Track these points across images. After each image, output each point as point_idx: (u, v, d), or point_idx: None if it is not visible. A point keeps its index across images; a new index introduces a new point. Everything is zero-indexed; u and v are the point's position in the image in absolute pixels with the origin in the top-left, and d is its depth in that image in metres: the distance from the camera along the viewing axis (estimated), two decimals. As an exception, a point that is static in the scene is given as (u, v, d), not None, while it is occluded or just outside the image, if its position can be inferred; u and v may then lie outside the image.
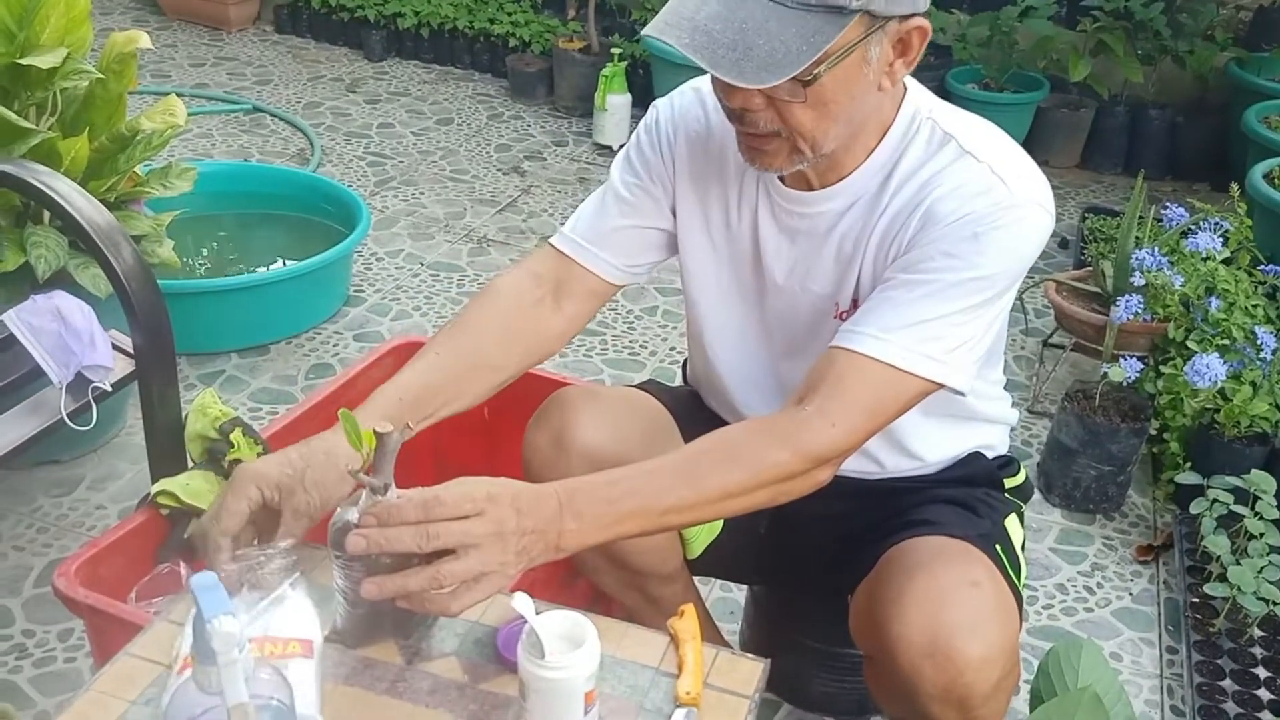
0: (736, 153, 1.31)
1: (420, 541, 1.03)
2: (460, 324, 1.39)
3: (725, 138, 1.36)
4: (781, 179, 1.33)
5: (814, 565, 1.55)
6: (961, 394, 1.26)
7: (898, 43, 1.18)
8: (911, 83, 1.31)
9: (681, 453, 1.20)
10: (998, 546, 1.37)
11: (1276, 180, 3.02)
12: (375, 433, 1.07)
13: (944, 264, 1.22)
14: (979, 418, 1.48)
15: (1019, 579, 1.40)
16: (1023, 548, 1.47)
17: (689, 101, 1.41)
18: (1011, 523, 1.46)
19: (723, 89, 1.19)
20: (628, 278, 1.46)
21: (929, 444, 1.46)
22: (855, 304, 1.33)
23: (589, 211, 1.45)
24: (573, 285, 1.44)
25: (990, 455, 1.52)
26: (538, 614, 1.05)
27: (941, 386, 1.23)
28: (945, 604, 1.23)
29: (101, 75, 2.14)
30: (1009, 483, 1.53)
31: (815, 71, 1.12)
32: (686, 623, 1.17)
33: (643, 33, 1.14)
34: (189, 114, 2.34)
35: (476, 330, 1.39)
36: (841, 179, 1.30)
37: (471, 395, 1.38)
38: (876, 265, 1.30)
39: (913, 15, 1.17)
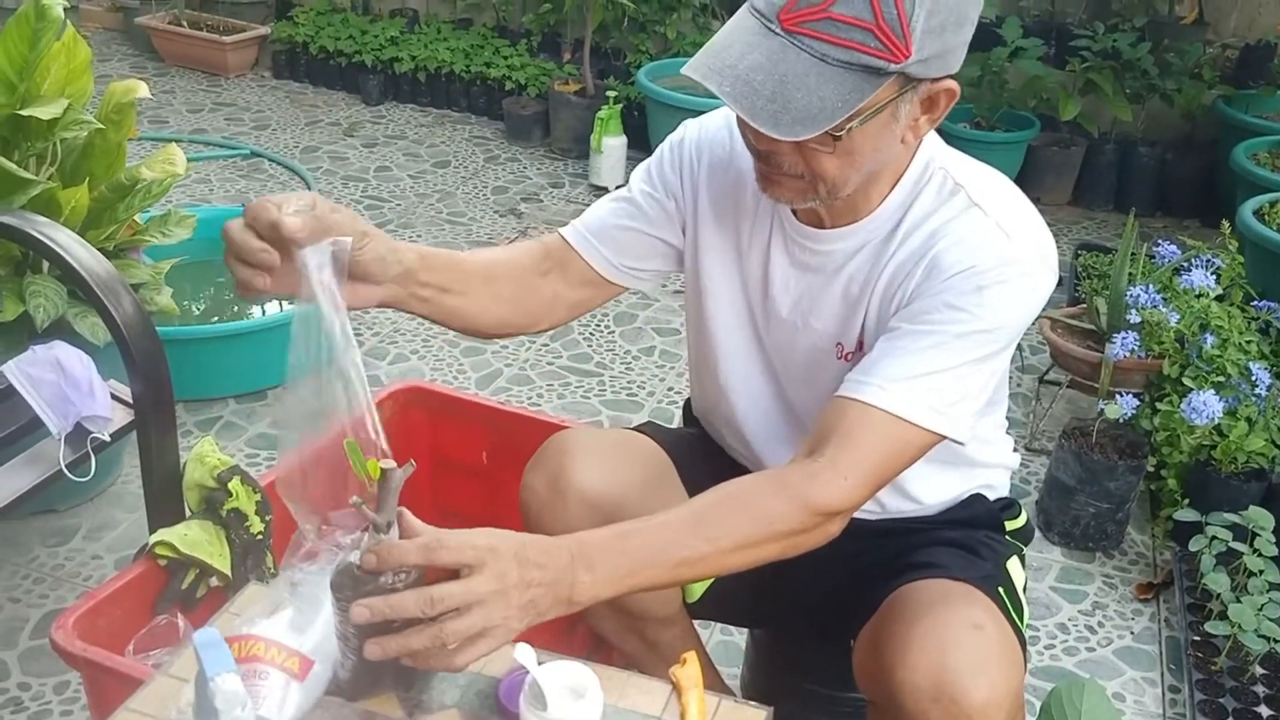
0: (754, 182, 1.33)
1: (424, 608, 1.02)
2: (476, 252, 1.43)
3: (746, 166, 1.38)
4: (795, 214, 1.35)
5: (815, 609, 1.55)
6: (961, 444, 1.27)
7: (925, 100, 1.20)
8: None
9: (693, 505, 1.21)
10: (1000, 589, 1.36)
11: (1266, 216, 3.04)
12: (381, 468, 1.07)
13: (949, 316, 1.23)
14: (980, 463, 1.49)
15: (1021, 622, 1.39)
16: (1024, 590, 1.47)
17: (718, 127, 1.44)
18: (1013, 565, 1.46)
19: (753, 133, 1.20)
20: (624, 278, 1.48)
21: (929, 488, 1.46)
22: (860, 346, 1.34)
23: (599, 208, 1.49)
24: (572, 271, 1.47)
25: (991, 497, 1.52)
26: (540, 664, 1.05)
27: (944, 438, 1.25)
28: (949, 648, 1.23)
29: (101, 126, 2.15)
30: (1010, 525, 1.52)
31: (848, 127, 1.14)
32: (689, 671, 1.17)
33: (682, 70, 1.16)
34: (187, 160, 2.36)
35: (493, 262, 1.42)
36: (855, 221, 1.32)
37: (474, 303, 1.38)
38: (881, 310, 1.32)
39: (944, 77, 1.19)
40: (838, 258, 1.34)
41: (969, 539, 1.44)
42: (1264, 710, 1.96)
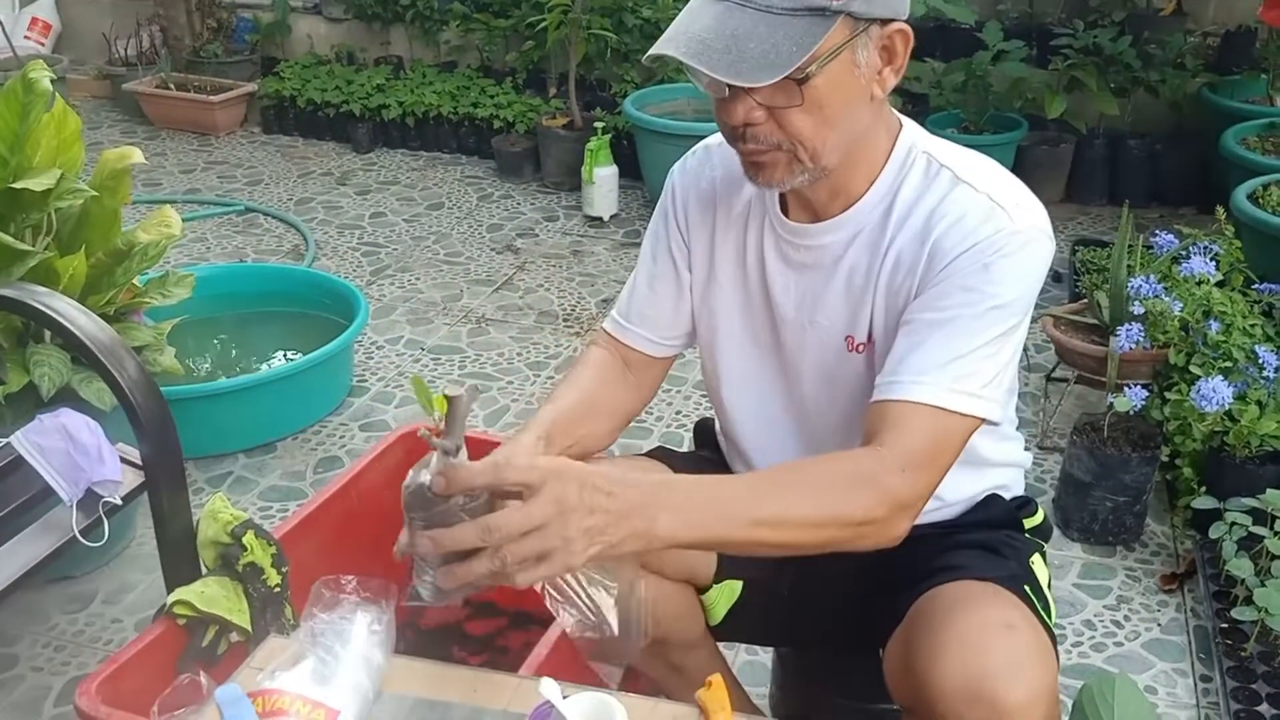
0: (745, 198, 1.37)
1: (483, 537, 1.03)
2: (566, 392, 1.48)
3: (732, 184, 1.41)
4: (785, 212, 1.37)
5: (840, 622, 1.54)
6: (996, 424, 1.29)
7: (883, 50, 1.23)
8: (907, 120, 1.36)
9: (770, 471, 1.23)
10: (1026, 587, 1.36)
11: (1261, 199, 3.04)
12: (446, 396, 1.08)
13: (962, 299, 1.25)
14: (995, 461, 1.49)
15: (1050, 619, 1.38)
16: (1049, 587, 1.46)
17: (699, 158, 1.49)
18: (1036, 563, 1.46)
19: (726, 109, 1.23)
20: (671, 350, 1.55)
21: (947, 484, 1.46)
22: (871, 338, 1.35)
23: (627, 288, 1.55)
24: (635, 361, 1.53)
25: (1007, 496, 1.52)
26: (565, 697, 1.04)
27: (983, 421, 1.26)
28: (983, 649, 1.22)
29: (96, 193, 2.17)
30: (1028, 523, 1.52)
31: (808, 70, 1.17)
32: (715, 694, 1.16)
33: (647, 55, 1.22)
34: (183, 220, 2.37)
35: (587, 397, 1.49)
36: (844, 210, 1.34)
37: (594, 440, 1.47)
38: (889, 300, 1.33)
39: (893, 20, 1.22)
40: (833, 250, 1.36)
41: (990, 540, 1.44)
42: (1298, 694, 1.95)
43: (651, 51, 1.19)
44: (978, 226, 1.25)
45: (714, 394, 1.55)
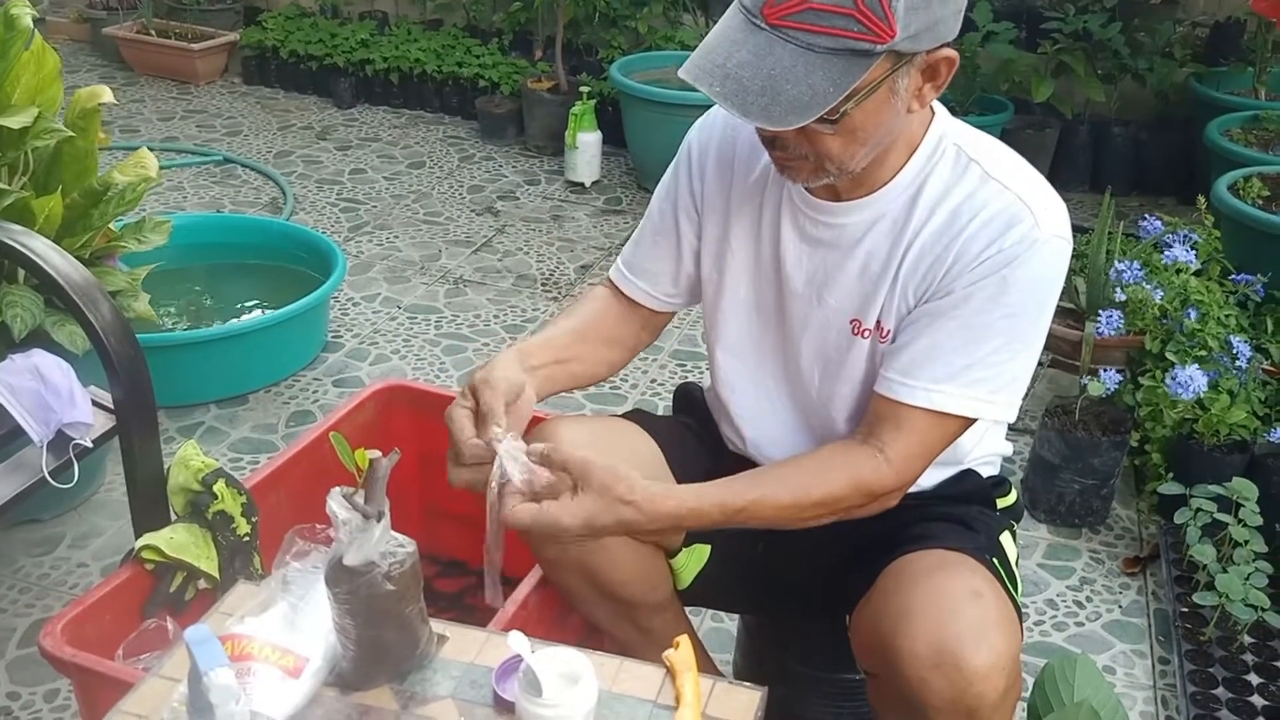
0: (765, 162, 1.38)
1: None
2: (562, 320, 1.54)
3: (755, 147, 1.41)
4: (808, 189, 1.37)
5: (808, 589, 1.55)
6: (1009, 422, 1.37)
7: (926, 69, 1.21)
8: (939, 107, 1.35)
9: (762, 468, 1.35)
10: (994, 560, 1.38)
11: (1241, 191, 3.06)
12: (367, 458, 1.08)
13: (979, 306, 1.27)
14: (978, 454, 1.51)
15: (1016, 593, 1.40)
16: (1016, 564, 1.48)
17: (720, 117, 1.47)
18: (1005, 539, 1.47)
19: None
20: (669, 307, 1.56)
21: (927, 476, 1.47)
22: (879, 325, 1.36)
23: (634, 238, 1.56)
24: (636, 308, 1.56)
25: (983, 474, 1.53)
26: (533, 652, 1.05)
27: (975, 420, 1.33)
28: (949, 615, 1.24)
29: (72, 134, 2.14)
30: (1001, 502, 1.54)
31: (843, 109, 1.16)
32: (683, 654, 1.17)
33: (679, 73, 1.19)
34: (160, 167, 2.34)
35: (582, 324, 1.53)
36: (869, 194, 1.34)
37: (587, 363, 1.51)
38: (905, 293, 1.33)
39: (940, 46, 1.19)
40: (852, 231, 1.35)
41: (962, 513, 1.45)
42: (1253, 678, 1.98)
43: (684, 76, 1.17)
44: (1003, 232, 1.26)
45: (710, 353, 1.56)
